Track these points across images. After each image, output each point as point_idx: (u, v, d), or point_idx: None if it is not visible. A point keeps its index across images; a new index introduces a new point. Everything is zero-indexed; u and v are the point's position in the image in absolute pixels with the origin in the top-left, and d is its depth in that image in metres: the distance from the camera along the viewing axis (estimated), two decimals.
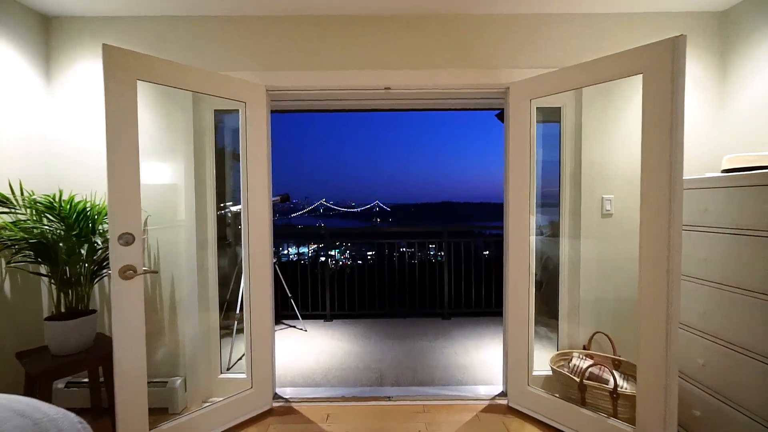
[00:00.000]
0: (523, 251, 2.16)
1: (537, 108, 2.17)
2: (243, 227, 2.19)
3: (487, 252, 4.56)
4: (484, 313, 4.24)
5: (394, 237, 4.80)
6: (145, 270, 1.72)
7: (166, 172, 2.26)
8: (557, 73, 1.97)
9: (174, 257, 2.28)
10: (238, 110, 2.15)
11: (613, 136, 2.27)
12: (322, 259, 4.32)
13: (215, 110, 2.28)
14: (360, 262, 5.00)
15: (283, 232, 6.24)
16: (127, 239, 1.65)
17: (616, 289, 2.30)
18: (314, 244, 4.73)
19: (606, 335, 2.23)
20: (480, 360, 3.05)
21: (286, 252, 4.69)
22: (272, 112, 2.70)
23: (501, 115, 4.23)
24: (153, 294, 2.27)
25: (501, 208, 2.33)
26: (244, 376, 2.32)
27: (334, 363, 3.03)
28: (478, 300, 4.30)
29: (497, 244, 4.47)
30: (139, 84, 1.69)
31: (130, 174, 1.67)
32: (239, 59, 2.24)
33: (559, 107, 2.31)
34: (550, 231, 2.53)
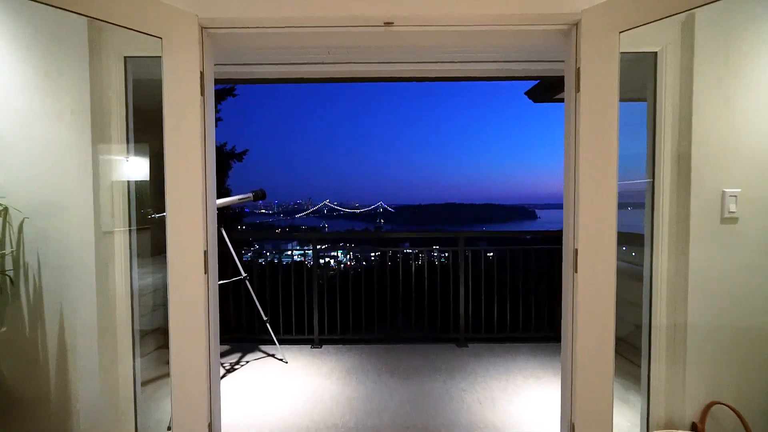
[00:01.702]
0: (605, 270, 1.36)
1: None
2: (168, 236, 1.42)
3: (490, 257, 3.73)
4: (509, 339, 3.43)
5: (399, 243, 4.02)
6: None
7: (57, 155, 1.49)
8: None
9: (66, 280, 1.51)
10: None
11: (742, 100, 1.45)
12: (318, 265, 3.53)
13: (126, 57, 1.50)
14: (359, 268, 4.22)
15: (264, 236, 5.48)
16: None
17: (742, 335, 1.49)
18: (301, 249, 3.96)
19: (731, 408, 1.42)
20: (514, 416, 2.24)
21: (264, 259, 3.93)
22: (222, 81, 1.93)
23: (532, 92, 3.42)
24: (33, 338, 1.50)
25: (511, 211, 1.56)
26: None
27: (317, 415, 2.24)
28: (501, 322, 3.49)
29: (525, 252, 3.67)
30: None
31: None
32: None
33: (654, 52, 1.50)
34: None
